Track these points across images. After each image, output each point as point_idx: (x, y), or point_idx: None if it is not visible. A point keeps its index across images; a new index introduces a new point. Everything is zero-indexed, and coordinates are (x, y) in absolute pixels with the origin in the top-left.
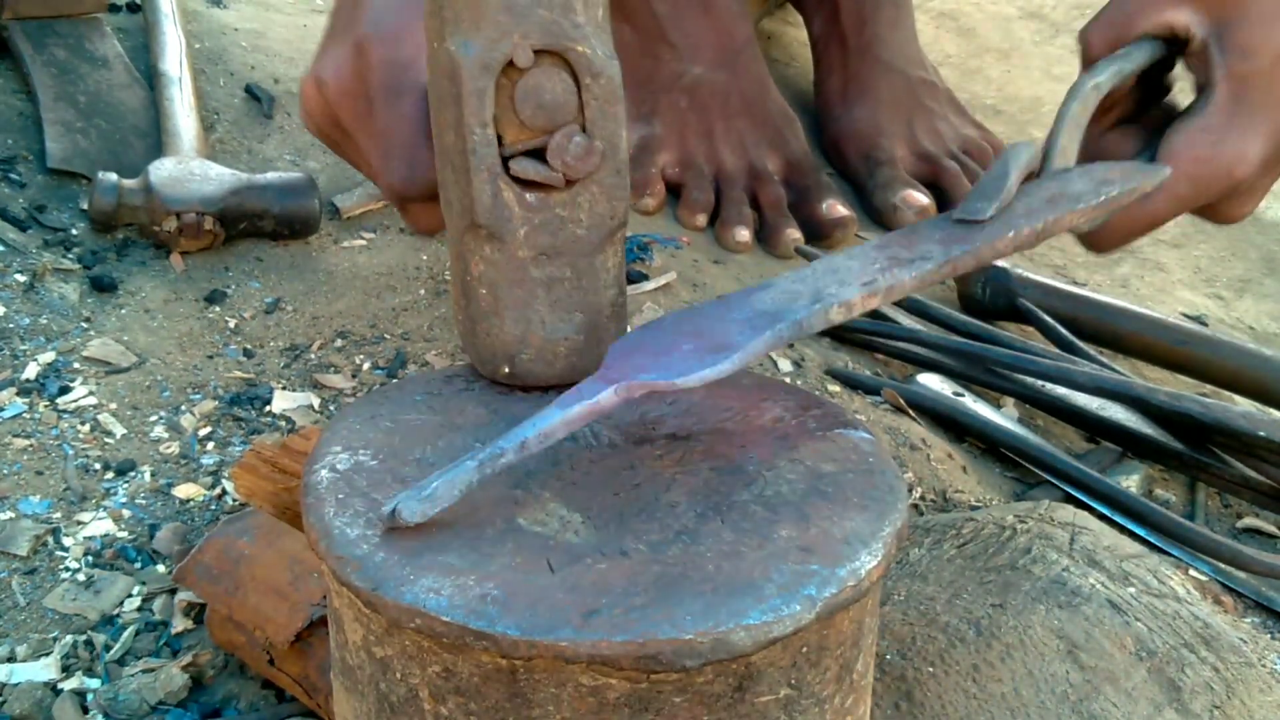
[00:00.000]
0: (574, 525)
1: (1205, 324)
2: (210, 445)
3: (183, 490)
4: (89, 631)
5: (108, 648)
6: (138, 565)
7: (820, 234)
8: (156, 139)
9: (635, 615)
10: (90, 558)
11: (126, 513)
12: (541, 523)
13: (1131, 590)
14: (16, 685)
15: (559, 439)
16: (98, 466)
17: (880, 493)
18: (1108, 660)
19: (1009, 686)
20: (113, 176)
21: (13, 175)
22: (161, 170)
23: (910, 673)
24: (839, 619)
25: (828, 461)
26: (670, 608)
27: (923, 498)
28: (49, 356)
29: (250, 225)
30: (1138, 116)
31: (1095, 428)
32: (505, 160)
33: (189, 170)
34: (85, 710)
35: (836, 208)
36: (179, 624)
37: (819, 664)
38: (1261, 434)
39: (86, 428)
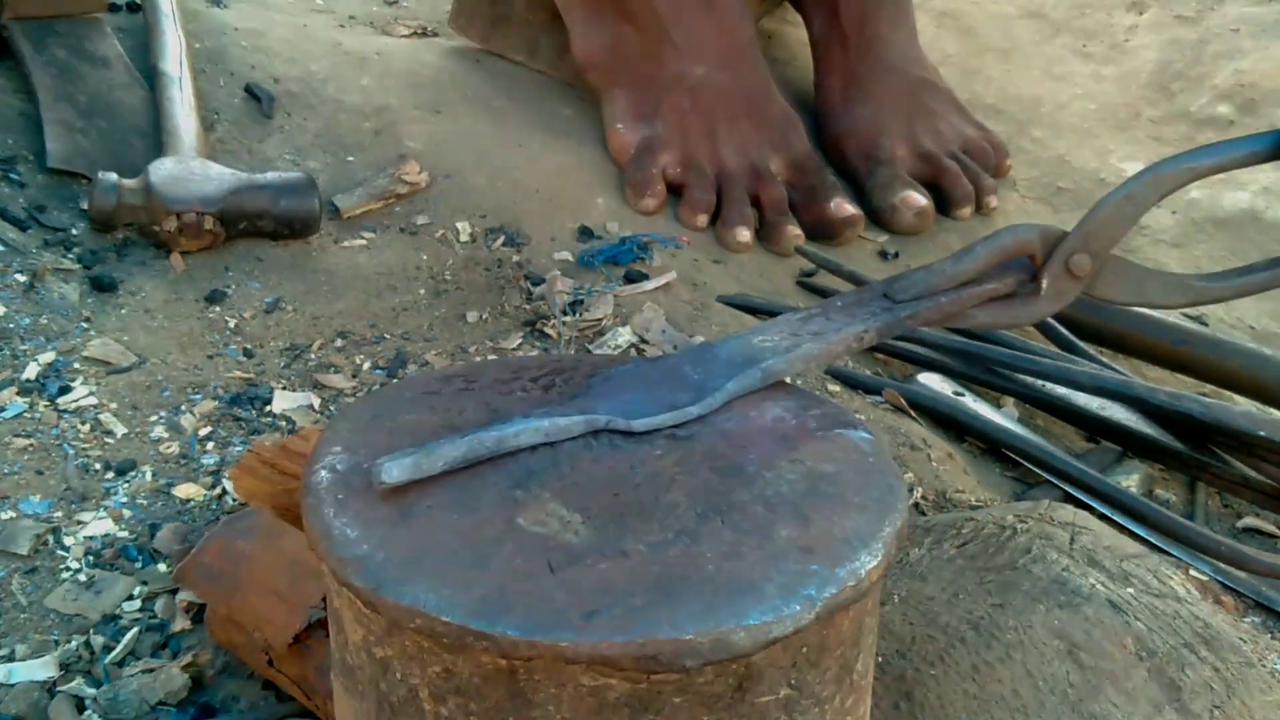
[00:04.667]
0: (574, 525)
1: (1205, 324)
2: (210, 445)
3: (183, 490)
4: (89, 632)
5: (107, 649)
6: (138, 565)
7: (829, 233)
8: (156, 139)
9: (635, 615)
10: (91, 557)
11: (127, 512)
12: (541, 523)
13: (1131, 590)
14: (14, 685)
15: (534, 443)
16: (98, 466)
17: (880, 493)
18: (1108, 660)
19: (1009, 686)
20: (113, 176)
21: (13, 175)
22: (161, 170)
23: (910, 673)
24: (839, 619)
25: (828, 461)
26: (670, 608)
27: (923, 497)
28: (49, 356)
29: (250, 225)
30: None
31: (1095, 427)
32: None
33: (189, 170)
34: (81, 710)
35: (844, 206)
36: (179, 624)
37: (819, 664)
38: (1261, 434)
39: (87, 427)
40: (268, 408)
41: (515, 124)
